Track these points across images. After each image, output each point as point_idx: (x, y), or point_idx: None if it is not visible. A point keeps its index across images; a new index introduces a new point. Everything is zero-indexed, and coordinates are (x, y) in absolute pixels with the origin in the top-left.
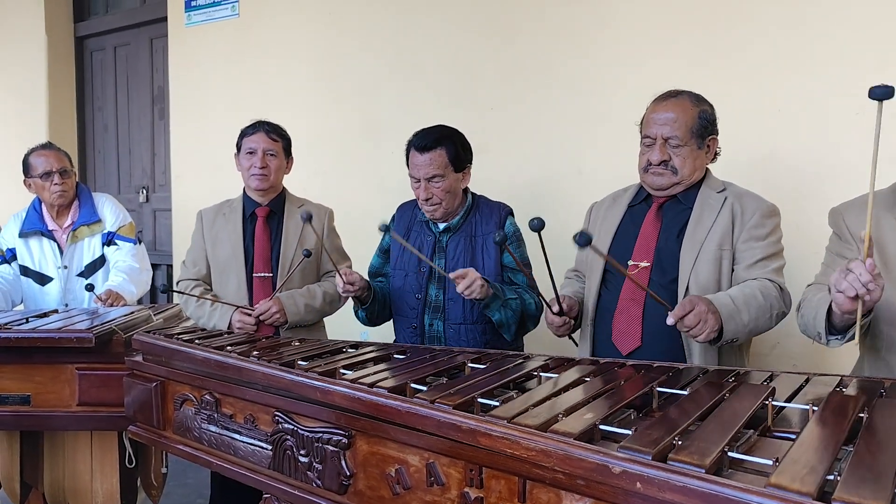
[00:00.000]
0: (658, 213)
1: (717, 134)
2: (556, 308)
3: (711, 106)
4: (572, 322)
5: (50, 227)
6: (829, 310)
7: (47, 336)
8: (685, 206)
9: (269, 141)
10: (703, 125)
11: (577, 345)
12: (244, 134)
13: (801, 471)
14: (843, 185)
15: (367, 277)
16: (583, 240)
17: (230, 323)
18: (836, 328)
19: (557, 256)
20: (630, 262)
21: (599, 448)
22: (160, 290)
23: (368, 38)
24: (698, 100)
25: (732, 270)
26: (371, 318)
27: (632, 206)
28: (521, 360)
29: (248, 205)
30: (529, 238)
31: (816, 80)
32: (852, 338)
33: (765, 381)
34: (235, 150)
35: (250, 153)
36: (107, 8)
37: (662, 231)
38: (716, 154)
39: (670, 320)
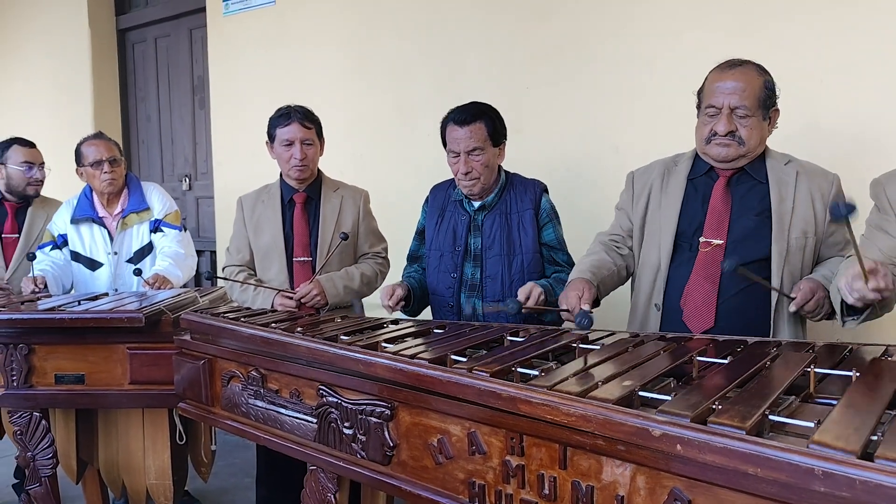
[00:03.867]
0: (727, 188)
1: (777, 105)
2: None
3: (772, 76)
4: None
5: (100, 215)
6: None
7: (99, 317)
8: (756, 180)
9: (304, 130)
10: (768, 95)
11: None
12: (276, 124)
13: (846, 430)
14: (887, 155)
15: (404, 281)
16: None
17: (272, 306)
18: (853, 309)
19: (592, 234)
20: (702, 239)
21: (639, 412)
22: (204, 277)
23: (402, 22)
24: (762, 70)
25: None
26: (413, 313)
27: (692, 178)
28: (559, 333)
29: (285, 191)
30: (564, 216)
31: (858, 49)
32: (869, 318)
33: (807, 350)
34: (267, 139)
35: (288, 144)
36: (147, 0)
37: (735, 207)
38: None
39: (793, 308)
